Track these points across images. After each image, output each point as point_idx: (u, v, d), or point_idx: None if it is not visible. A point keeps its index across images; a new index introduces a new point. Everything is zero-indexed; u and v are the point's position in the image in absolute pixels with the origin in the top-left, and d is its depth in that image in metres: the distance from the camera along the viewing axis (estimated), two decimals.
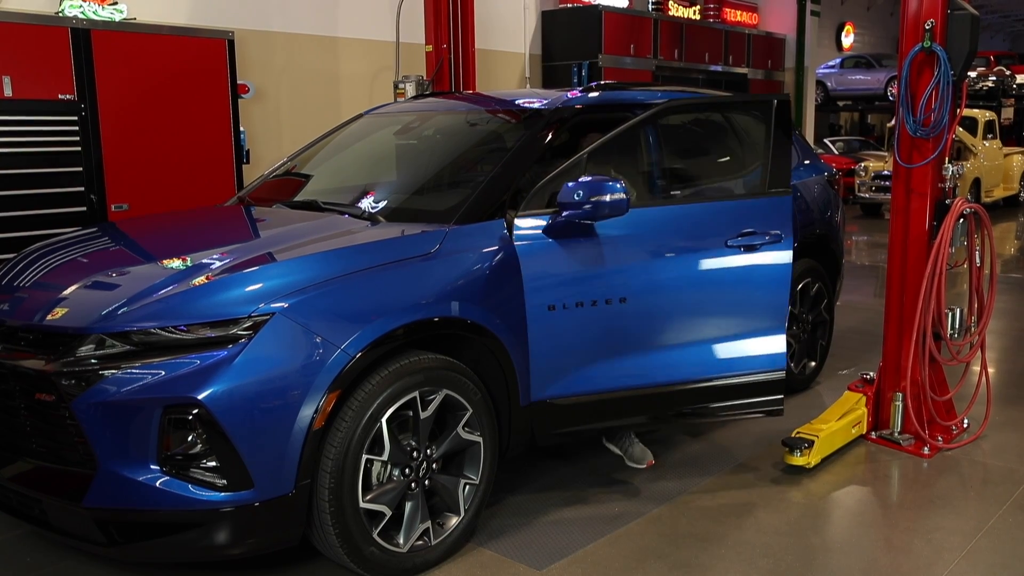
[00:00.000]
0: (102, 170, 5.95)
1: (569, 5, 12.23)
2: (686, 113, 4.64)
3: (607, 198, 3.51)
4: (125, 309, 2.98)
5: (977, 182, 14.37)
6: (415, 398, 3.22)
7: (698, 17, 15.39)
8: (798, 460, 4.24)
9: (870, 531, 3.74)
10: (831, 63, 20.67)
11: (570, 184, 3.57)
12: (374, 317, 3.10)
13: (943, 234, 4.39)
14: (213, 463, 2.89)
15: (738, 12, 16.53)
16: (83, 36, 5.81)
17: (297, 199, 4.32)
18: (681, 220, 4.02)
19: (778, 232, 4.04)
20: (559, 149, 4.17)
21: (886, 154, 15.43)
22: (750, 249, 4.00)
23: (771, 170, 4.09)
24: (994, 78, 19.84)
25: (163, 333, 2.92)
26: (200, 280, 3.09)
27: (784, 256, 4.04)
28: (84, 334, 2.95)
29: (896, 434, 4.60)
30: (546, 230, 3.65)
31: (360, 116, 5.00)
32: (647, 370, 3.88)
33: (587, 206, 3.53)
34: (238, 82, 6.75)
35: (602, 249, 3.77)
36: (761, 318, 4.06)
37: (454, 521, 3.43)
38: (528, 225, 3.64)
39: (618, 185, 3.54)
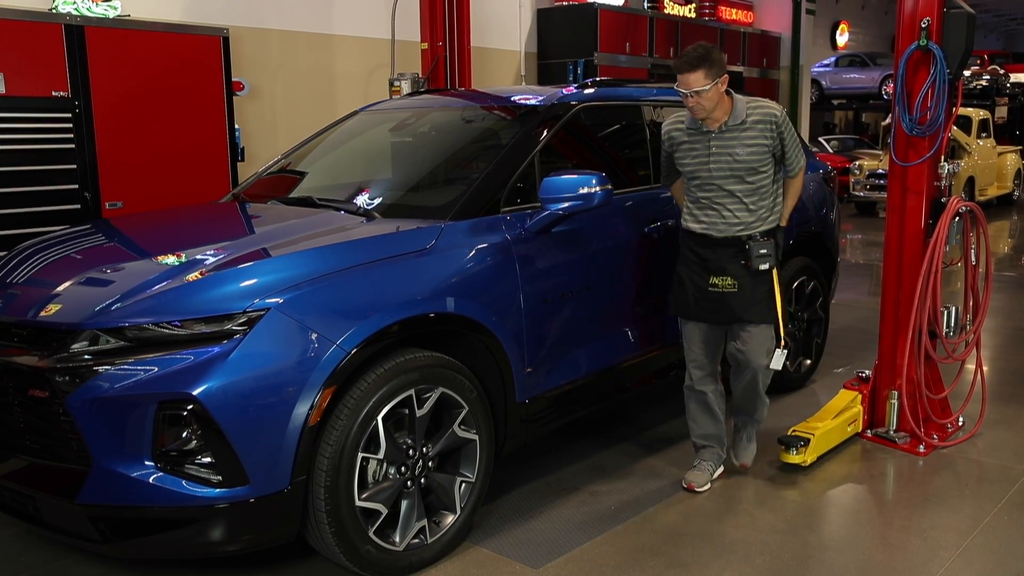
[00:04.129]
0: (96, 167, 5.91)
1: (565, 3, 12.21)
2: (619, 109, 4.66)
3: (595, 190, 3.60)
4: (119, 305, 2.96)
5: (971, 181, 14.39)
6: (411, 396, 3.21)
7: (694, 15, 15.38)
8: (794, 458, 4.25)
9: (866, 529, 3.74)
10: (826, 62, 20.68)
11: (557, 179, 3.60)
12: (370, 313, 3.09)
13: (939, 232, 4.39)
14: (208, 459, 2.87)
15: (734, 10, 16.53)
16: (77, 33, 5.77)
17: (292, 195, 4.30)
18: (632, 209, 4.30)
19: None
20: (555, 145, 4.17)
21: (881, 152, 15.44)
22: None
23: None
24: (988, 77, 19.86)
25: (157, 329, 2.90)
26: (194, 276, 3.07)
27: None
28: (78, 330, 2.94)
29: (892, 432, 4.60)
30: (539, 224, 3.68)
31: (355, 113, 4.99)
32: (613, 349, 4.15)
33: (577, 200, 3.60)
34: (233, 79, 6.72)
35: (583, 240, 3.94)
36: None
37: (450, 519, 3.42)
38: (521, 220, 3.68)
39: (601, 178, 3.62)
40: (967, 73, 18.55)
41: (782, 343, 3.97)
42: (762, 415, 4.22)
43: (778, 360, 3.97)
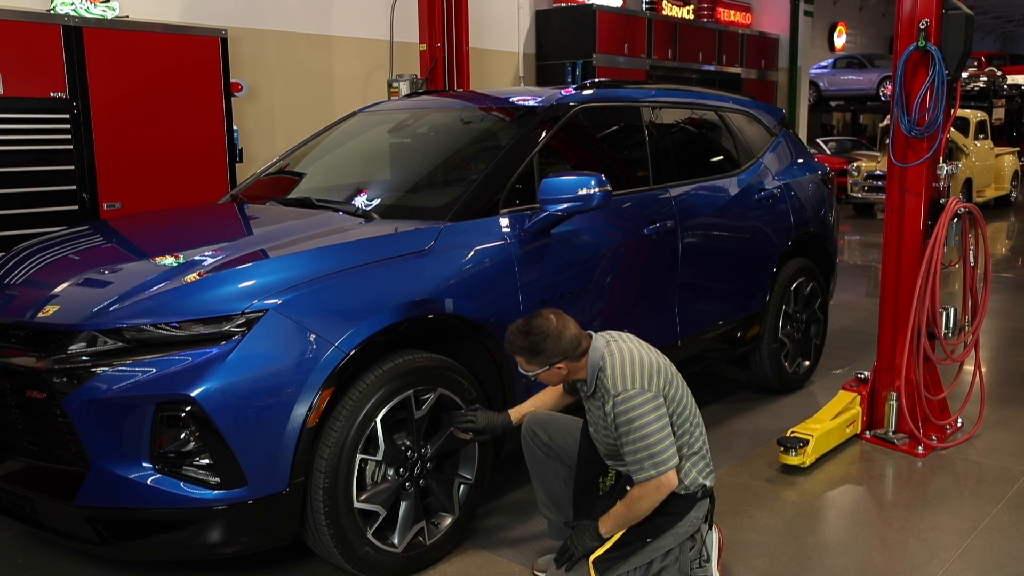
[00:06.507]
0: (94, 168, 5.91)
1: (563, 4, 12.22)
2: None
3: (594, 192, 3.58)
4: (117, 306, 2.95)
5: (969, 182, 14.39)
6: (409, 397, 3.20)
7: (692, 17, 15.40)
8: (793, 459, 4.24)
9: (865, 530, 3.74)
10: (824, 63, 20.71)
11: (556, 180, 3.59)
12: (368, 314, 3.09)
13: (938, 233, 4.39)
14: (206, 461, 2.87)
15: (732, 12, 16.55)
16: (75, 34, 5.77)
17: (291, 197, 4.30)
18: (631, 210, 4.26)
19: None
20: (554, 146, 4.17)
21: (878, 154, 15.45)
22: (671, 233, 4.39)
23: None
24: (985, 79, 19.88)
25: (155, 330, 2.89)
26: (192, 277, 3.06)
27: None
28: (75, 331, 2.93)
29: (890, 433, 4.60)
30: (537, 225, 3.67)
31: (354, 114, 4.98)
32: None
33: (576, 201, 3.58)
34: (231, 80, 6.72)
35: (582, 241, 3.92)
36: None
37: (449, 521, 3.41)
38: (520, 221, 3.67)
39: (600, 179, 3.59)
40: (964, 75, 18.56)
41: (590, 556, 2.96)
42: None
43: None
